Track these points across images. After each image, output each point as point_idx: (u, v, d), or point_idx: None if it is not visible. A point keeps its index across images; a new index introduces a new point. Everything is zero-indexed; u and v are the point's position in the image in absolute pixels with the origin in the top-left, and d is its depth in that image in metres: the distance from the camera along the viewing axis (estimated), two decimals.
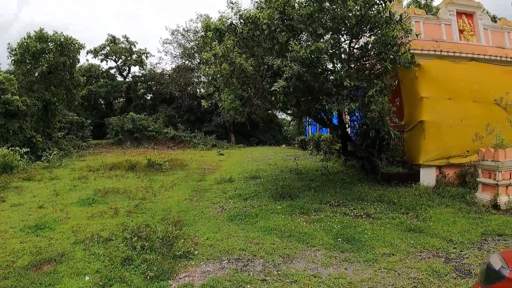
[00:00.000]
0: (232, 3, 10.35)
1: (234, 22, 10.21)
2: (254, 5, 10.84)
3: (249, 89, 10.36)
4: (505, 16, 14.99)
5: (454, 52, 12.26)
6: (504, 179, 9.54)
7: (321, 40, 9.26)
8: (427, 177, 12.00)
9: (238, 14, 10.16)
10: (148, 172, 16.20)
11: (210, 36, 9.87)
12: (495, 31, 14.00)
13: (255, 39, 10.13)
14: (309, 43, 9.13)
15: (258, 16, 9.43)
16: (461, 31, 13.25)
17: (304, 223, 8.44)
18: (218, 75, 10.39)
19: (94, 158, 23.51)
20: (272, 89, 8.38)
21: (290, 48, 8.72)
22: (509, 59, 13.43)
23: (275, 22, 9.32)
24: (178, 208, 10.14)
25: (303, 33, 9.69)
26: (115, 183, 13.83)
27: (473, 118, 12.22)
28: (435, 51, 11.97)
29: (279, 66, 8.64)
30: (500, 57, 13.24)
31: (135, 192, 12.21)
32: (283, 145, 36.90)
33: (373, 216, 8.84)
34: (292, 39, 9.04)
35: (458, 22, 13.23)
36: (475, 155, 11.62)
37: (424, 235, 7.51)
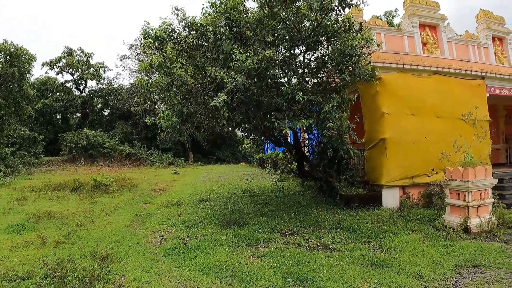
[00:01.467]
0: (177, 9, 9.65)
1: (178, 30, 9.50)
2: (202, 13, 10.13)
3: (189, 104, 9.45)
4: (468, 29, 14.70)
5: (417, 65, 11.87)
6: (474, 199, 8.99)
7: (271, 49, 8.57)
8: (390, 198, 11.46)
9: (183, 21, 9.49)
10: (92, 193, 15.14)
11: (147, 45, 8.96)
12: (460, 44, 13.77)
13: (200, 48, 9.45)
14: (257, 52, 8.39)
15: (203, 23, 8.84)
16: (424, 44, 12.94)
17: (251, 257, 7.43)
18: (155, 88, 9.40)
19: (42, 176, 22.27)
20: (212, 103, 7.49)
21: (234, 57, 7.94)
22: (474, 73, 13.20)
23: (221, 29, 8.60)
24: (113, 238, 9.08)
25: (252, 41, 8.91)
26: (54, 206, 12.83)
27: (438, 135, 11.84)
28: (397, 64, 11.53)
29: (223, 77, 7.82)
30: (465, 70, 12.97)
31: (72, 217, 11.19)
32: (242, 163, 37.06)
33: (330, 247, 7.99)
34: (239, 47, 8.26)
35: (421, 34, 12.96)
36: (441, 174, 11.16)
37: (390, 270, 6.62)
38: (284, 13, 8.99)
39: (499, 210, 10.14)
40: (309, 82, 10.01)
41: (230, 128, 11.14)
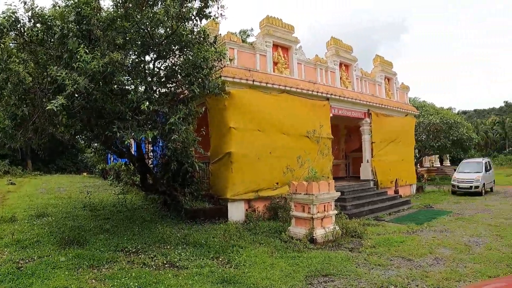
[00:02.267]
0: None
1: (22, 20, 8.74)
2: (52, 4, 9.65)
3: (24, 106, 8.92)
4: (318, 53, 16.89)
5: (266, 83, 13.28)
6: (318, 212, 10.13)
7: (119, 52, 8.45)
8: (236, 212, 12.44)
9: (30, 11, 8.75)
10: None
11: None
12: (309, 66, 15.86)
13: (45, 44, 8.94)
14: (105, 54, 8.21)
15: (51, 15, 8.44)
16: (275, 63, 14.61)
17: (93, 281, 7.06)
18: None
19: None
20: (48, 107, 7.26)
21: (79, 57, 7.63)
22: (320, 93, 15.38)
23: (70, 25, 8.28)
24: None
25: (101, 42, 8.64)
26: None
27: (283, 150, 13.36)
28: (247, 80, 12.73)
29: (64, 78, 7.54)
30: (312, 91, 15.00)
31: None
32: (84, 174, 36.30)
33: (178, 265, 8.00)
34: (86, 47, 7.99)
35: (273, 54, 14.58)
36: (285, 187, 12.66)
37: (241, 286, 6.85)
38: (139, 16, 8.92)
39: (342, 220, 11.70)
40: (157, 92, 10.30)
41: (68, 136, 10.77)
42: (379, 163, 18.92)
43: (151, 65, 10.37)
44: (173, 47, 10.06)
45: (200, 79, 9.87)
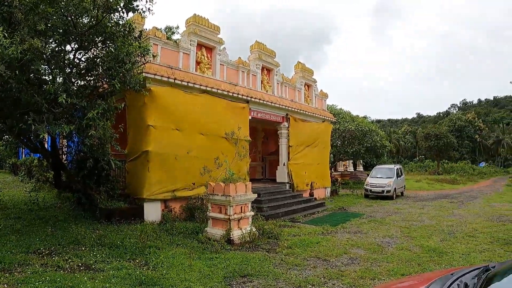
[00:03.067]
0: None
1: None
2: None
3: None
4: (242, 56, 17.44)
5: (187, 82, 13.55)
6: (235, 213, 10.52)
7: (39, 39, 8.16)
8: (152, 212, 12.52)
9: None
10: None
11: None
12: (231, 68, 16.37)
13: None
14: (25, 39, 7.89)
15: None
16: (198, 63, 14.93)
17: (6, 286, 6.76)
18: None
19: None
20: None
21: None
22: (240, 96, 15.93)
23: None
24: None
25: (22, 27, 8.26)
26: None
27: (200, 151, 13.68)
28: (168, 78, 12.89)
29: None
30: (233, 93, 15.52)
31: None
32: None
33: (94, 267, 7.86)
34: (4, 31, 7.54)
35: (197, 53, 14.88)
36: (202, 188, 13.02)
37: None
38: (64, 3, 8.66)
39: (259, 221, 12.24)
40: (75, 84, 10.06)
41: None
42: (295, 166, 19.85)
43: (71, 56, 10.09)
44: (96, 38, 9.92)
45: (121, 74, 9.81)
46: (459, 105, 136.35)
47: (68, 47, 9.93)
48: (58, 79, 9.02)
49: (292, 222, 14.49)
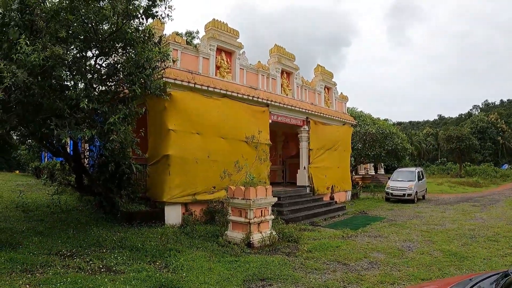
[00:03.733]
0: None
1: None
2: None
3: None
4: (260, 58, 17.44)
5: (208, 87, 13.60)
6: (256, 217, 10.52)
7: (62, 46, 8.33)
8: (173, 215, 12.59)
9: None
10: None
11: None
12: (251, 72, 16.37)
13: None
14: (47, 47, 8.03)
15: None
16: (218, 67, 14.99)
17: (28, 286, 6.78)
18: None
19: None
20: None
21: (19, 48, 7.51)
22: (260, 99, 15.89)
23: (12, 13, 8.11)
24: None
25: (43, 34, 8.47)
26: None
27: (220, 154, 13.73)
28: (189, 82, 12.96)
29: (1, 70, 7.33)
30: (253, 96, 15.47)
31: None
32: (17, 171, 35.40)
33: (114, 269, 7.91)
34: (27, 38, 7.79)
35: (217, 57, 14.94)
36: (222, 192, 13.03)
37: None
38: (84, 10, 8.79)
39: (279, 225, 12.23)
40: (97, 90, 10.15)
41: (3, 131, 10.34)
42: (315, 170, 19.75)
43: (92, 62, 10.17)
44: (117, 45, 10.02)
45: (142, 79, 9.86)
46: (481, 106, 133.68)
47: (89, 53, 10.01)
48: (79, 84, 9.16)
49: (312, 225, 14.39)
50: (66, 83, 9.64)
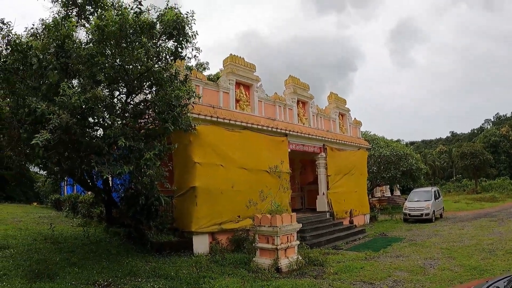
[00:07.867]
0: (3, 23, 9.00)
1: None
2: (28, 33, 9.89)
3: (1, 136, 9.23)
4: (277, 91, 18.04)
5: (229, 120, 14.15)
6: (282, 243, 10.83)
7: (100, 88, 8.91)
8: (200, 244, 12.91)
9: (6, 38, 8.83)
10: None
11: None
12: (268, 104, 16.91)
13: (20, 73, 8.95)
14: (86, 89, 8.55)
15: (30, 45, 8.50)
16: (237, 100, 15.58)
17: None
18: None
19: None
20: (33, 141, 7.49)
21: (61, 91, 7.94)
22: (279, 130, 16.38)
23: (49, 57, 8.58)
24: None
25: (80, 76, 9.13)
26: None
27: (244, 185, 14.12)
28: (211, 117, 13.51)
29: (44, 111, 7.74)
30: (271, 127, 15.97)
31: None
32: (35, 204, 35.40)
33: None
34: (65, 80, 8.35)
35: (236, 91, 15.54)
36: (247, 220, 13.43)
37: None
38: (118, 54, 9.34)
39: (304, 250, 12.56)
40: (128, 126, 10.24)
41: (46, 170, 10.81)
42: (334, 195, 20.06)
43: (123, 101, 10.77)
44: (144, 84, 10.56)
45: (173, 117, 10.26)
46: (493, 120, 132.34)
47: (116, 92, 10.62)
48: (115, 123, 9.48)
49: (335, 249, 14.61)
50: (101, 121, 10.11)
